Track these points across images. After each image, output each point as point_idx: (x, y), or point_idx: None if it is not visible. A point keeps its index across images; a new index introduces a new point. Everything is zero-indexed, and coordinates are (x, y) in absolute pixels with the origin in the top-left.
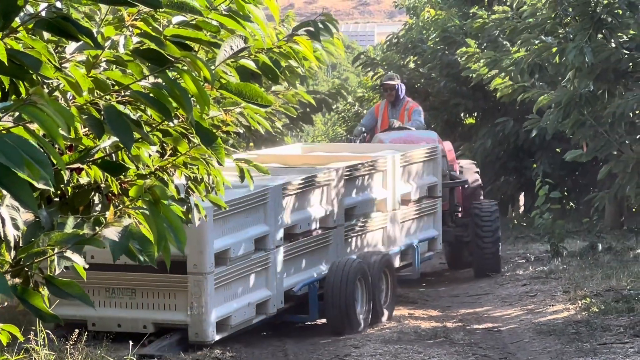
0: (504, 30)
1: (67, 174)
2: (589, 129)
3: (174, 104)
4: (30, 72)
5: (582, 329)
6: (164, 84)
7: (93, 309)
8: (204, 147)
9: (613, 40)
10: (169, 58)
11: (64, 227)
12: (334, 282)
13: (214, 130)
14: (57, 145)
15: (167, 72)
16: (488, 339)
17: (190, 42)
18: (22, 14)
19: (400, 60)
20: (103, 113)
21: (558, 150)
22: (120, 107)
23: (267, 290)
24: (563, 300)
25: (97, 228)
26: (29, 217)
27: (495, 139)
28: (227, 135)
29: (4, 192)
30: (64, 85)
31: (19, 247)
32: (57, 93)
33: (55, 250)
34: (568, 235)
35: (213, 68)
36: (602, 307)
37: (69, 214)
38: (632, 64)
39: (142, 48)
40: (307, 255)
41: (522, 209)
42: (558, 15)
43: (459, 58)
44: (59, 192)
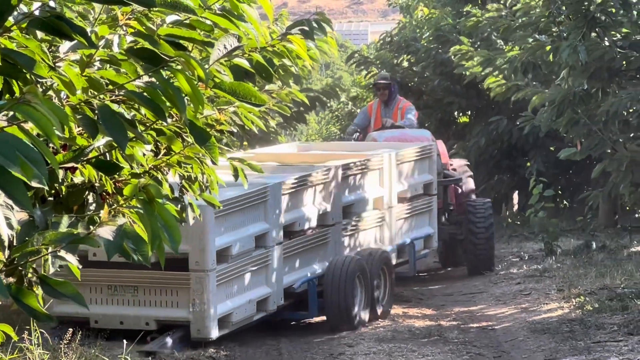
0: (498, 29)
1: (61, 173)
2: (583, 128)
3: (168, 103)
4: (24, 71)
5: (576, 328)
6: (158, 84)
7: (95, 307)
8: (198, 146)
9: (607, 39)
10: (163, 57)
11: (58, 226)
12: (333, 279)
13: (208, 130)
14: (51, 145)
15: (161, 71)
16: (482, 338)
17: (184, 41)
18: (15, 13)
19: (394, 59)
20: (97, 112)
21: (552, 149)
22: (114, 106)
23: (267, 288)
24: (557, 299)
25: (91, 227)
26: (23, 216)
27: (489, 138)
28: (221, 135)
29: None
30: (58, 85)
31: (13, 246)
32: (51, 92)
33: (49, 250)
34: (562, 234)
35: (207, 67)
36: (596, 305)
37: (63, 213)
38: (625, 63)
39: (136, 47)
40: (306, 253)
41: (515, 208)
42: (552, 14)
43: (453, 56)
44: (53, 191)
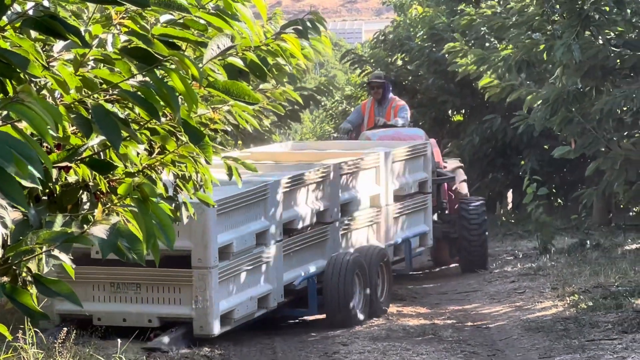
0: (492, 28)
1: (55, 173)
2: (577, 126)
3: (162, 103)
4: (18, 70)
5: (570, 326)
6: (152, 83)
7: (98, 305)
8: (192, 145)
9: (600, 38)
10: (157, 56)
11: (52, 225)
12: (332, 276)
13: (202, 129)
14: (45, 144)
15: (154, 70)
16: (476, 336)
17: (178, 40)
18: (9, 13)
19: (388, 58)
20: (91, 112)
21: (546, 147)
22: (108, 105)
23: (268, 285)
24: (551, 297)
25: (85, 226)
26: (17, 215)
27: (483, 136)
28: (215, 134)
29: None
30: (52, 84)
31: (7, 245)
32: (44, 92)
33: (44, 249)
34: (556, 232)
35: (201, 66)
36: (590, 303)
37: (57, 213)
38: (619, 61)
39: (130, 46)
40: (305, 250)
41: (510, 206)
42: (546, 13)
43: (446, 54)
44: (47, 190)
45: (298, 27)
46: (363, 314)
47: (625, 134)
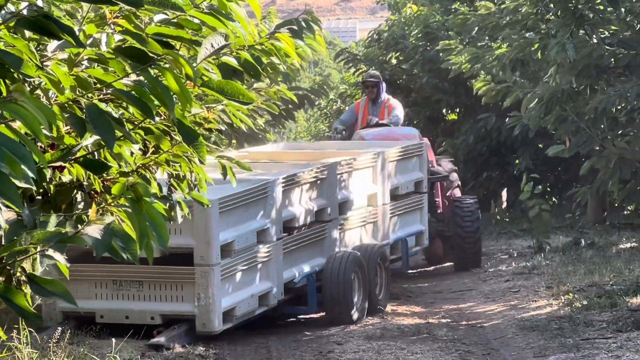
0: (487, 27)
1: (49, 172)
2: (571, 125)
3: (156, 102)
4: (12, 70)
5: (565, 325)
6: (146, 82)
7: (100, 302)
8: (186, 145)
9: (595, 36)
10: (151, 55)
11: (46, 225)
12: (332, 273)
13: (196, 128)
14: (39, 143)
15: (149, 69)
16: (471, 335)
17: (172, 40)
18: (3, 12)
19: (382, 57)
20: (85, 111)
21: (540, 146)
22: (102, 105)
23: (268, 282)
24: (546, 296)
25: (79, 226)
26: (11, 215)
27: (478, 135)
28: (209, 133)
29: None
30: (46, 84)
31: (1, 245)
32: (38, 91)
33: (38, 249)
34: (551, 231)
35: (195, 65)
36: (584, 302)
37: (52, 212)
38: (613, 60)
39: (124, 46)
40: (304, 248)
41: (504, 205)
42: (540, 11)
43: (440, 53)
44: (41, 190)
45: (292, 26)
46: (362, 312)
47: (620, 133)
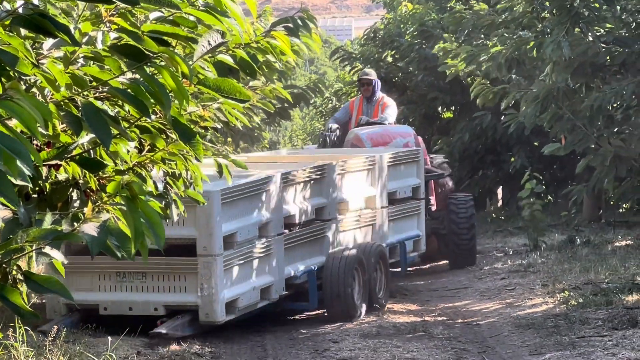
0: (482, 25)
1: (45, 171)
2: (567, 123)
3: (152, 100)
4: (7, 68)
5: (560, 323)
6: (142, 80)
7: (104, 294)
8: (182, 143)
9: (590, 34)
10: (147, 53)
11: (42, 223)
12: (332, 270)
13: (192, 126)
14: (35, 142)
15: (145, 67)
16: (467, 333)
17: (168, 37)
18: None
19: (378, 55)
20: (81, 110)
21: (536, 144)
22: (98, 103)
23: (270, 276)
24: (542, 294)
25: (75, 224)
26: (7, 214)
27: (473, 133)
28: (205, 131)
29: None
30: (42, 82)
31: None
32: (34, 89)
33: (34, 247)
34: (546, 229)
35: (191, 63)
36: (580, 300)
37: (47, 211)
38: (609, 58)
39: (119, 44)
40: (305, 245)
41: (500, 203)
42: (535, 10)
43: (438, 54)
44: (37, 188)
45: (288, 24)
46: (362, 309)
47: (615, 131)
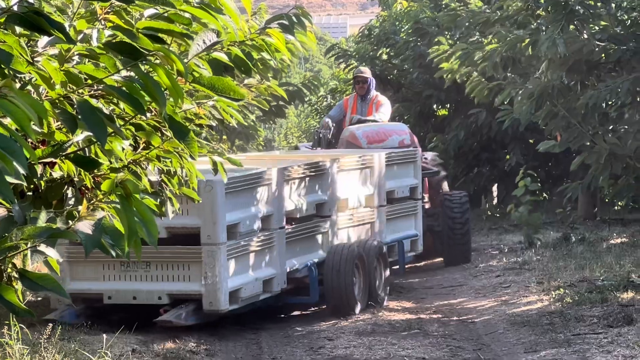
0: (477, 23)
1: (40, 168)
2: (562, 120)
3: (147, 98)
4: (2, 66)
5: (555, 320)
6: (137, 78)
7: (108, 283)
8: (177, 140)
9: (585, 32)
10: (142, 51)
11: (37, 221)
12: (333, 265)
13: (187, 124)
14: (29, 139)
15: (140, 65)
16: (462, 331)
17: (163, 34)
18: None
19: (373, 52)
20: (76, 107)
21: (531, 141)
22: (93, 101)
23: (271, 269)
24: (537, 291)
25: (70, 222)
26: (2, 211)
27: (468, 131)
28: (200, 129)
29: None
30: (37, 80)
31: None
32: (29, 87)
33: (29, 245)
34: (541, 226)
35: (186, 61)
36: (575, 297)
37: (42, 208)
38: (604, 55)
39: (114, 41)
40: (305, 240)
41: (495, 200)
42: (530, 7)
43: (433, 55)
44: (32, 186)
45: (283, 21)
46: (362, 304)
47: (610, 128)
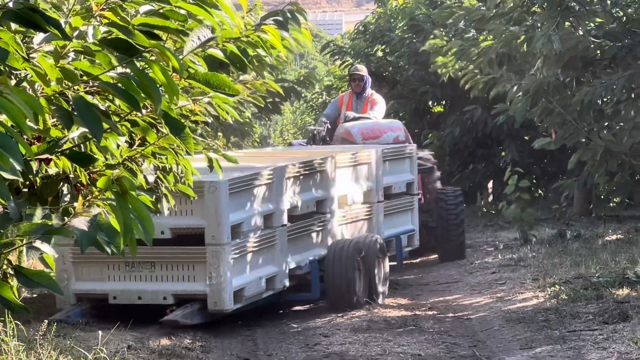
0: (472, 20)
1: (35, 165)
2: (557, 117)
3: (143, 94)
4: None
5: (551, 317)
6: (132, 74)
7: (113, 284)
8: (173, 137)
9: (580, 28)
10: (138, 47)
11: (32, 218)
12: (334, 261)
13: (183, 120)
14: (25, 136)
15: (135, 62)
16: (458, 327)
17: (158, 30)
18: None
19: (368, 49)
20: (72, 104)
21: (527, 138)
22: (89, 97)
23: (274, 267)
24: (532, 288)
25: (65, 218)
26: None
27: (464, 127)
28: (195, 125)
29: None
30: (32, 76)
31: None
32: (25, 84)
33: (24, 241)
34: (537, 223)
35: (181, 58)
36: (571, 294)
37: (38, 205)
38: (599, 52)
39: (110, 38)
40: (307, 237)
41: (491, 197)
42: (525, 4)
43: (429, 50)
44: (28, 182)
45: (278, 18)
46: (363, 299)
47: (606, 125)
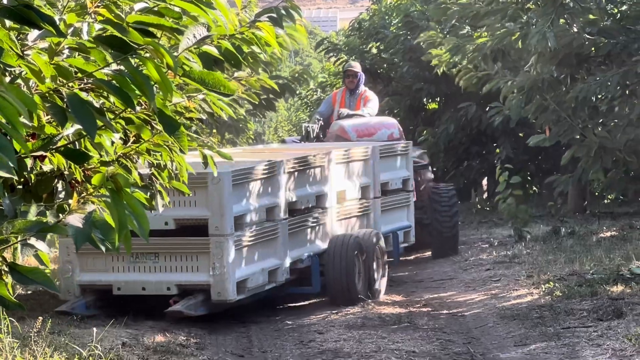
0: (467, 16)
1: (30, 162)
2: (552, 114)
3: (137, 92)
4: None
5: (545, 314)
6: (127, 72)
7: (117, 275)
8: (167, 134)
9: (575, 25)
10: (132, 45)
11: (27, 215)
12: (334, 255)
13: (177, 117)
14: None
15: (129, 59)
16: (452, 324)
17: (153, 28)
18: None
19: (363, 46)
20: (66, 101)
21: (521, 135)
22: (83, 94)
23: (276, 259)
24: (527, 285)
25: (60, 215)
26: None
27: (458, 124)
28: (190, 122)
29: None
30: (27, 73)
31: None
32: (19, 81)
33: (19, 238)
34: (531, 220)
35: (176, 55)
36: (565, 291)
37: (32, 202)
38: (594, 49)
39: (105, 35)
40: (307, 231)
41: (485, 194)
42: (520, 1)
43: (422, 43)
44: (22, 179)
45: (273, 15)
46: (363, 294)
47: (600, 122)
